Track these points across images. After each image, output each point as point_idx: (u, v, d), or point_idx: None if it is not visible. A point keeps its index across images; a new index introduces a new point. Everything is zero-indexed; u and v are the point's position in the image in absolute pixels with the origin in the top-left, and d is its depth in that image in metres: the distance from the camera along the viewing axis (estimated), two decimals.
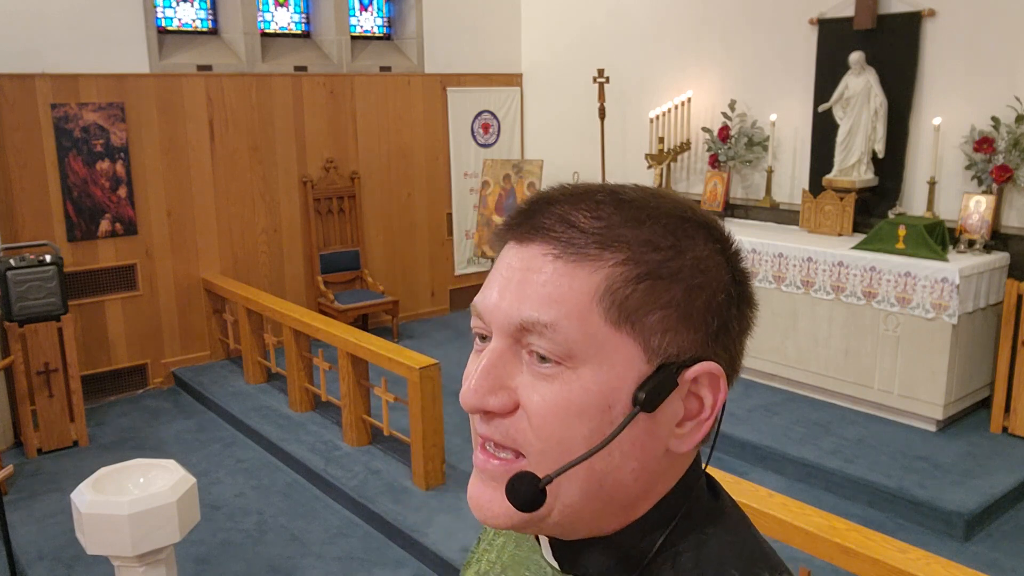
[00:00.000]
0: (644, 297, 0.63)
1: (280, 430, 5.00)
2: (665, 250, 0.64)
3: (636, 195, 0.67)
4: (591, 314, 0.63)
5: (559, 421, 0.64)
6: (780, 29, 5.67)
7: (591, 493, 0.65)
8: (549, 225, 0.65)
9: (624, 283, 0.63)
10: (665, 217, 0.66)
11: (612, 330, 0.63)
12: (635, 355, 0.64)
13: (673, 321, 0.64)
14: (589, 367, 0.63)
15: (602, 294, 0.63)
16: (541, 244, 0.65)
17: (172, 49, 5.91)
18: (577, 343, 0.63)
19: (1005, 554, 3.66)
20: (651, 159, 6.20)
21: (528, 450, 0.65)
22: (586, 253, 0.63)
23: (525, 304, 0.64)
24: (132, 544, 2.71)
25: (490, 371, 0.65)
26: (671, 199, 0.69)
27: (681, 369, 0.64)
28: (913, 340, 4.51)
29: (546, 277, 0.64)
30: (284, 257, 6.50)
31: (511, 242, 0.68)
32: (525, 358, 0.65)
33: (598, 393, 0.63)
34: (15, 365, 4.80)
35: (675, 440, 0.66)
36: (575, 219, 0.65)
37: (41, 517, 4.20)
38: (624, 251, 0.64)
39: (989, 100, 4.72)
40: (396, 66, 6.90)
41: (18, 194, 5.31)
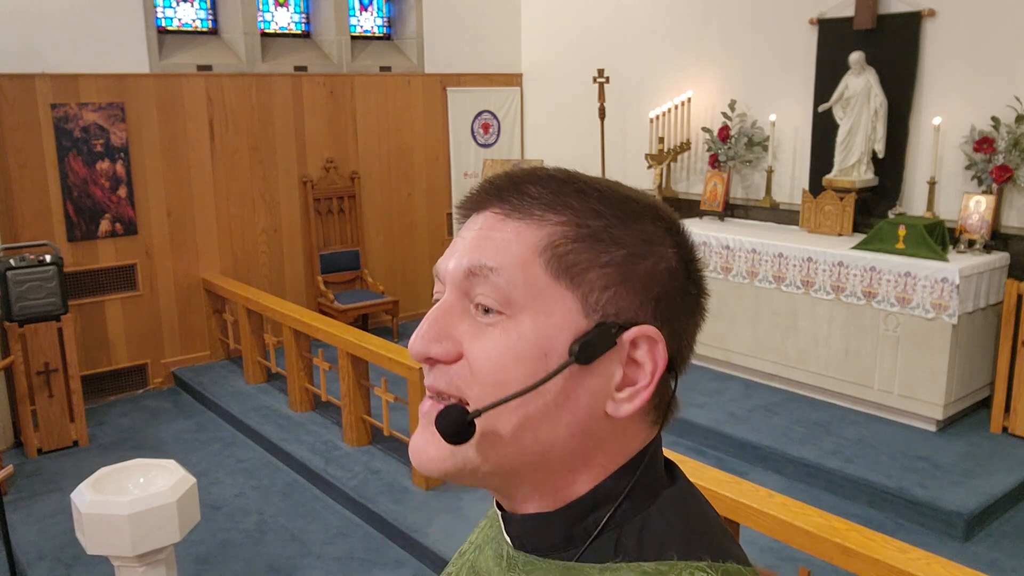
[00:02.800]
0: (584, 254, 0.67)
1: (280, 430, 5.00)
2: (609, 218, 0.68)
3: (589, 178, 0.72)
4: (533, 264, 0.67)
5: (497, 366, 0.67)
6: (780, 29, 5.67)
7: (524, 439, 0.67)
8: (501, 194, 0.71)
9: (565, 240, 0.67)
10: (612, 194, 0.70)
11: (552, 281, 0.67)
12: (573, 308, 0.67)
13: (612, 280, 0.67)
14: (528, 315, 0.67)
15: (544, 247, 0.67)
16: (493, 207, 0.71)
17: (172, 49, 5.91)
18: (517, 289, 0.67)
19: (1005, 554, 3.66)
20: (651, 159, 6.20)
21: (469, 395, 0.68)
22: (531, 212, 0.69)
23: (473, 252, 0.69)
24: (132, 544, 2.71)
25: (437, 320, 0.70)
26: (624, 185, 0.73)
27: (619, 329, 0.67)
28: (913, 340, 4.51)
29: (495, 232, 0.69)
30: (284, 257, 6.50)
31: (472, 214, 0.73)
32: (471, 311, 0.69)
33: (535, 341, 0.66)
34: (15, 365, 4.80)
35: (612, 403, 0.68)
36: (525, 188, 0.70)
37: (41, 517, 4.20)
38: (567, 214, 0.68)
39: (989, 100, 4.72)
40: (396, 66, 6.90)
41: (18, 194, 5.31)
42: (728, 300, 5.35)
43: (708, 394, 5.16)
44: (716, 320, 5.42)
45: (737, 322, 5.33)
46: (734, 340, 5.36)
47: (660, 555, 0.66)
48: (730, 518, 2.51)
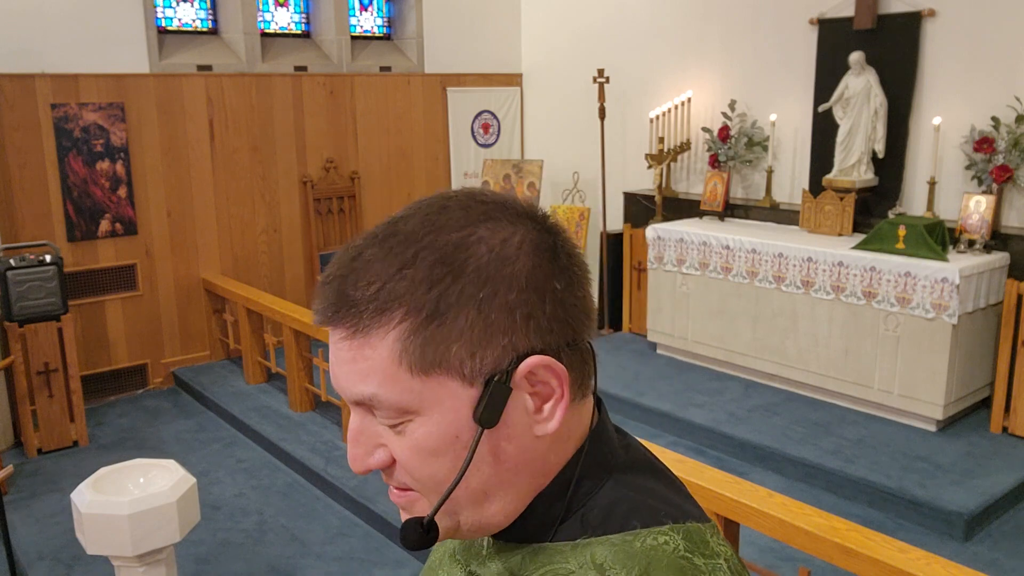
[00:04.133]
0: (435, 340, 0.66)
1: (280, 430, 5.00)
2: (440, 281, 0.66)
3: (408, 228, 0.69)
4: (398, 375, 0.67)
5: (421, 464, 0.70)
6: (780, 29, 5.67)
7: (482, 502, 0.71)
8: (335, 308, 0.69)
9: (412, 335, 0.66)
10: (436, 240, 0.67)
11: (423, 378, 0.67)
12: (456, 387, 0.67)
13: (475, 342, 0.66)
14: (424, 414, 0.68)
15: (399, 355, 0.67)
16: (337, 328, 0.70)
17: (172, 49, 5.91)
18: (402, 402, 0.68)
19: (1005, 554, 3.66)
20: (651, 159, 6.20)
21: (417, 488, 0.72)
22: (368, 325, 0.67)
23: (350, 382, 0.70)
24: (132, 544, 2.71)
25: (358, 438, 0.72)
26: (451, 208, 0.70)
27: (508, 376, 0.67)
28: (913, 340, 4.51)
29: (351, 356, 0.69)
30: (284, 257, 6.50)
31: (326, 326, 0.72)
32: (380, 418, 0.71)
33: (440, 433, 0.68)
34: (15, 365, 4.80)
35: (539, 425, 0.70)
36: (351, 293, 0.68)
37: (41, 517, 4.20)
38: (401, 307, 0.66)
39: (989, 100, 4.72)
40: (396, 66, 6.90)
41: (18, 194, 5.31)
42: (728, 300, 5.35)
43: (708, 394, 5.16)
44: (716, 320, 5.42)
45: (737, 322, 5.33)
46: (734, 340, 5.36)
47: (624, 526, 0.70)
48: (730, 518, 2.51)
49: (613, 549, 0.68)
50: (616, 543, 0.68)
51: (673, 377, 5.45)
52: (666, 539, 0.68)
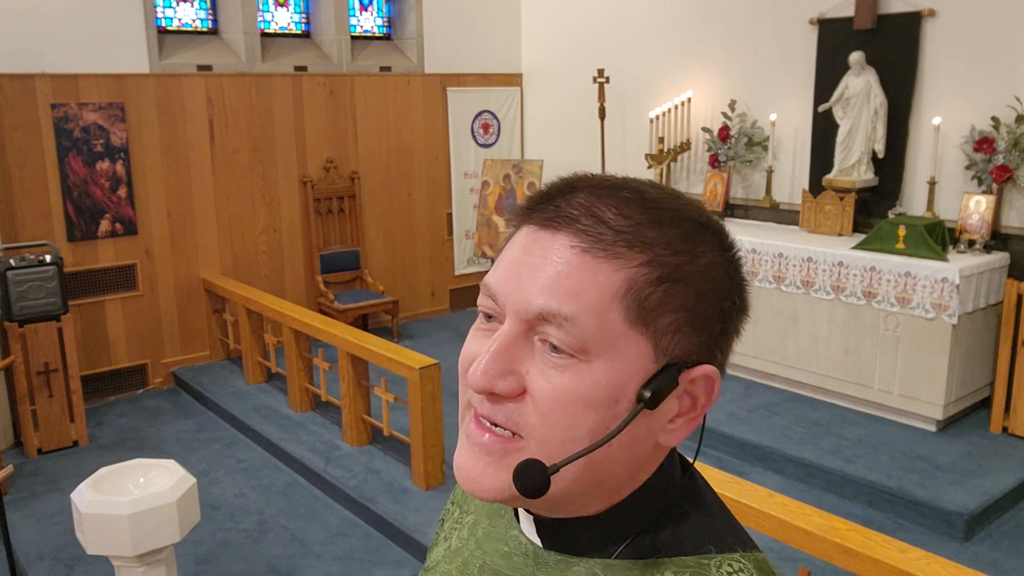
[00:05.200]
0: (661, 299, 0.65)
1: (280, 430, 5.00)
2: (683, 254, 0.66)
3: (657, 195, 0.68)
4: (611, 311, 0.64)
5: (567, 410, 0.65)
6: (780, 29, 5.67)
7: (584, 479, 0.67)
8: (576, 216, 0.65)
9: (646, 284, 0.65)
10: (683, 221, 0.67)
11: (628, 328, 0.65)
12: (645, 354, 0.65)
13: (683, 323, 0.66)
14: (601, 361, 0.65)
15: (624, 293, 0.64)
16: (568, 235, 0.65)
17: (172, 49, 5.91)
18: (593, 338, 0.64)
19: (1005, 554, 3.66)
20: (651, 159, 6.20)
21: (530, 434, 0.66)
22: (614, 251, 0.64)
23: (546, 293, 0.64)
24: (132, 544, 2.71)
25: (502, 354, 0.66)
26: (686, 201, 0.70)
27: (683, 370, 0.67)
28: (913, 340, 4.51)
29: (571, 269, 0.64)
30: (284, 257, 6.50)
31: (533, 226, 0.68)
32: (537, 345, 0.66)
33: (607, 387, 0.65)
34: (15, 365, 4.80)
35: (665, 435, 0.69)
36: (603, 214, 0.65)
37: (41, 517, 4.20)
38: (647, 252, 0.65)
39: (989, 100, 4.72)
40: (396, 66, 6.90)
41: (18, 194, 5.31)
42: None
43: None
44: None
45: None
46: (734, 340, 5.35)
47: (698, 549, 0.69)
48: None
49: (687, 572, 0.67)
50: (691, 565, 0.68)
51: None
52: (740, 566, 0.68)
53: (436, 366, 4.14)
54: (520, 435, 0.67)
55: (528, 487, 0.65)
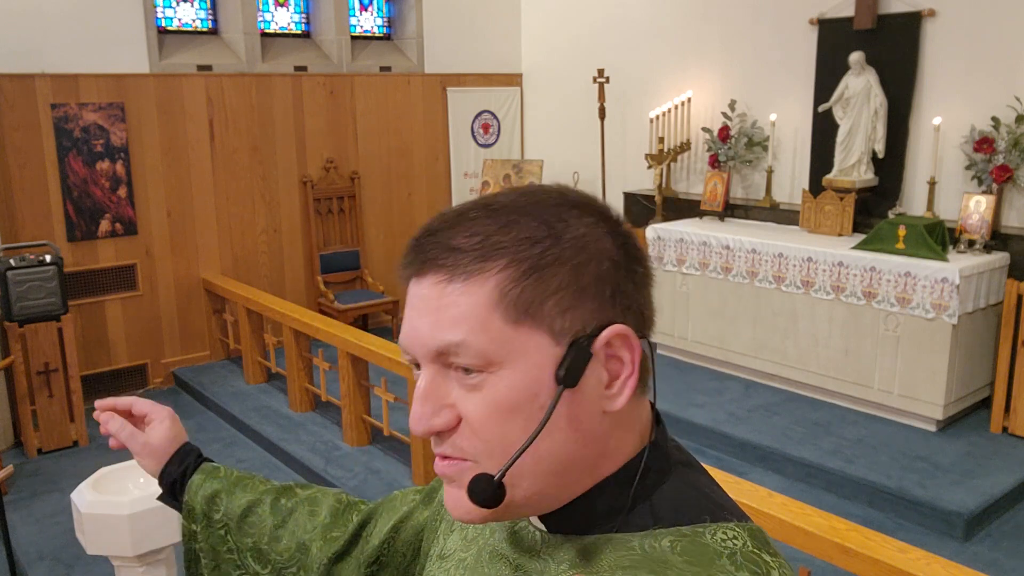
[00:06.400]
0: (534, 290, 0.69)
1: (280, 430, 5.00)
2: (542, 241, 0.70)
3: (507, 200, 0.73)
4: (492, 321, 0.69)
5: (496, 421, 0.70)
6: (780, 29, 5.67)
7: (545, 472, 0.71)
8: (434, 255, 0.71)
9: (513, 284, 0.69)
10: (536, 210, 0.71)
11: (515, 329, 0.69)
12: (543, 342, 0.69)
13: (568, 301, 0.69)
14: (508, 367, 0.69)
15: (496, 301, 0.69)
16: (432, 274, 0.71)
17: (172, 49, 5.91)
18: (489, 350, 0.69)
19: (1005, 554, 3.66)
20: (651, 159, 6.20)
21: (475, 454, 0.71)
22: (471, 270, 0.69)
23: (434, 332, 0.70)
24: (132, 544, 2.71)
25: (428, 397, 0.72)
26: (543, 191, 0.74)
27: (590, 340, 0.70)
28: (913, 340, 4.51)
29: (445, 302, 0.70)
30: (284, 257, 6.50)
31: (411, 280, 0.73)
32: (454, 375, 0.71)
33: (522, 388, 0.69)
34: (15, 365, 4.80)
35: (607, 401, 0.72)
36: (454, 242, 0.70)
37: (41, 517, 4.20)
38: (505, 256, 0.69)
39: (989, 100, 4.72)
40: (396, 66, 6.90)
41: (18, 194, 5.31)
42: (728, 300, 5.35)
43: (708, 394, 5.16)
44: (716, 320, 5.42)
45: (737, 322, 5.33)
46: (734, 340, 5.36)
47: (694, 519, 0.72)
48: None
49: (684, 540, 0.70)
50: (687, 534, 0.71)
51: (673, 377, 5.45)
52: (735, 534, 0.71)
53: None
54: (468, 458, 0.72)
55: (484, 498, 0.69)
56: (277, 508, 1.16)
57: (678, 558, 0.69)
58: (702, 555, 0.69)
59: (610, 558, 0.72)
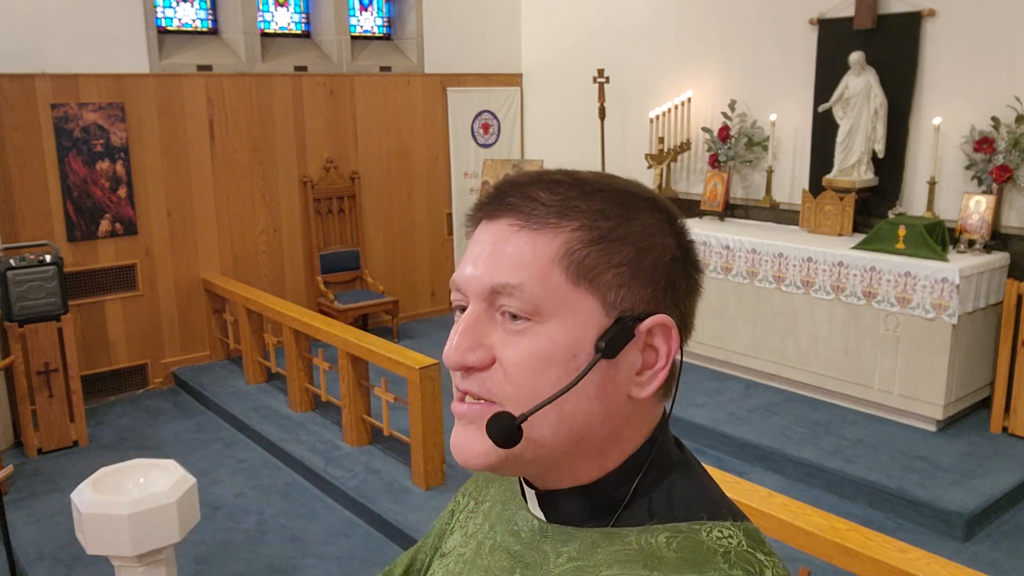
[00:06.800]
0: (599, 257, 0.72)
1: (280, 430, 5.00)
2: (615, 218, 0.73)
3: (590, 176, 0.77)
4: (553, 274, 0.71)
5: (531, 370, 0.71)
6: (780, 29, 5.67)
7: (562, 433, 0.72)
8: (514, 202, 0.74)
9: (581, 246, 0.72)
10: (614, 192, 0.75)
11: (572, 287, 0.71)
12: (594, 309, 0.72)
13: (626, 278, 0.72)
14: (555, 321, 0.71)
15: (561, 256, 0.71)
16: (507, 217, 0.74)
17: (172, 49, 5.91)
18: (542, 300, 0.71)
19: (1005, 554, 3.66)
20: (651, 159, 6.20)
21: (503, 398, 0.73)
22: (546, 221, 0.72)
23: (495, 270, 0.73)
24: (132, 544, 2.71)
25: (469, 331, 0.74)
26: (621, 179, 0.78)
27: (636, 321, 0.72)
28: (913, 340, 4.51)
29: (512, 245, 0.73)
30: (284, 257, 6.50)
31: (483, 221, 0.77)
32: (499, 319, 0.73)
33: (564, 343, 0.71)
34: (15, 365, 4.80)
35: (635, 387, 0.74)
36: (536, 195, 0.74)
37: (41, 517, 4.20)
38: (579, 219, 0.72)
39: (989, 100, 4.72)
40: (396, 66, 6.90)
41: (18, 194, 5.31)
42: (728, 300, 5.35)
43: (708, 394, 5.16)
44: (716, 320, 5.42)
45: (737, 322, 5.33)
46: (734, 340, 5.36)
47: (690, 516, 0.74)
48: None
49: (680, 536, 0.72)
50: (683, 530, 0.72)
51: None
52: (730, 533, 0.72)
53: (436, 366, 4.14)
54: (494, 401, 0.73)
55: (500, 435, 0.70)
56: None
57: (673, 554, 0.70)
58: (697, 552, 0.70)
59: (607, 552, 0.73)
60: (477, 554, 0.86)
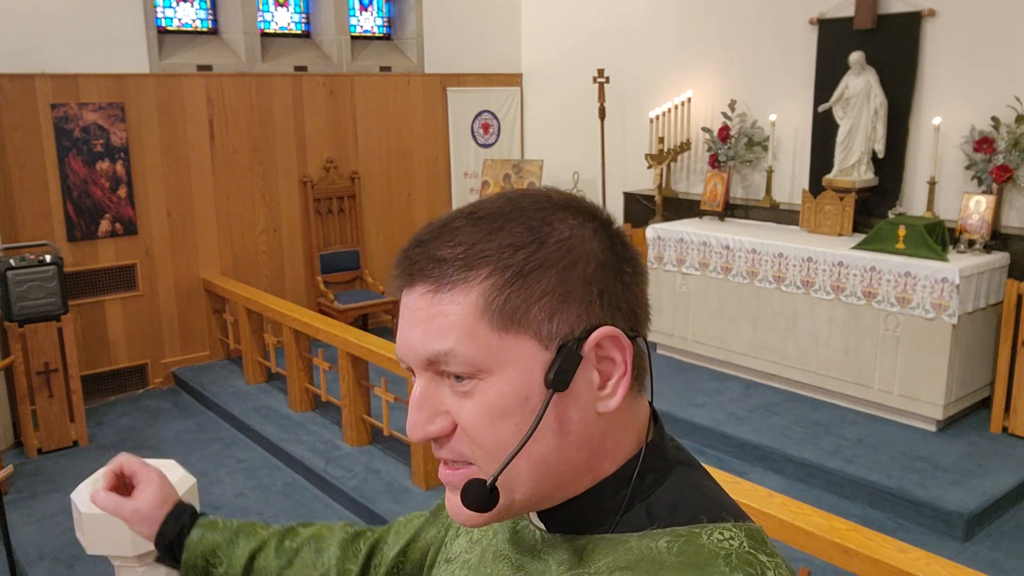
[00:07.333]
0: (519, 297, 0.70)
1: (280, 430, 5.00)
2: (527, 247, 0.70)
3: (492, 207, 0.74)
4: (479, 329, 0.70)
5: (488, 426, 0.71)
6: (780, 29, 5.67)
7: (540, 475, 0.72)
8: (421, 266, 0.72)
9: (496, 292, 0.69)
10: (522, 217, 0.72)
11: (502, 335, 0.70)
12: (532, 347, 0.70)
13: (554, 305, 0.70)
14: (497, 373, 0.70)
15: (482, 309, 0.70)
16: (419, 285, 0.72)
17: (172, 49, 5.91)
18: (476, 357, 0.70)
19: (1005, 554, 3.66)
20: (651, 159, 6.20)
21: (475, 458, 0.73)
22: (455, 279, 0.70)
23: (424, 341, 0.71)
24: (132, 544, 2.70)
25: (422, 404, 0.73)
26: (530, 195, 0.75)
27: (579, 343, 0.70)
28: (913, 340, 4.51)
29: (433, 312, 0.71)
30: (284, 257, 6.50)
31: (402, 291, 0.75)
32: (446, 382, 0.73)
33: (512, 392, 0.70)
34: (15, 365, 4.80)
35: (601, 403, 0.73)
36: (439, 252, 0.71)
37: (41, 517, 4.20)
38: (488, 264, 0.70)
39: (989, 100, 4.72)
40: (396, 66, 6.90)
41: (18, 194, 5.30)
42: (728, 300, 5.35)
43: (708, 394, 5.16)
44: (716, 320, 5.42)
45: (737, 322, 5.33)
46: (734, 340, 5.36)
47: (690, 519, 0.73)
48: None
49: (680, 540, 0.71)
50: (683, 534, 0.72)
51: (673, 377, 5.45)
52: (731, 535, 0.71)
53: None
54: (470, 462, 0.73)
55: (477, 503, 0.71)
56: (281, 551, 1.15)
57: (674, 559, 0.70)
58: (697, 556, 0.69)
59: (607, 558, 0.73)
60: (481, 561, 0.87)
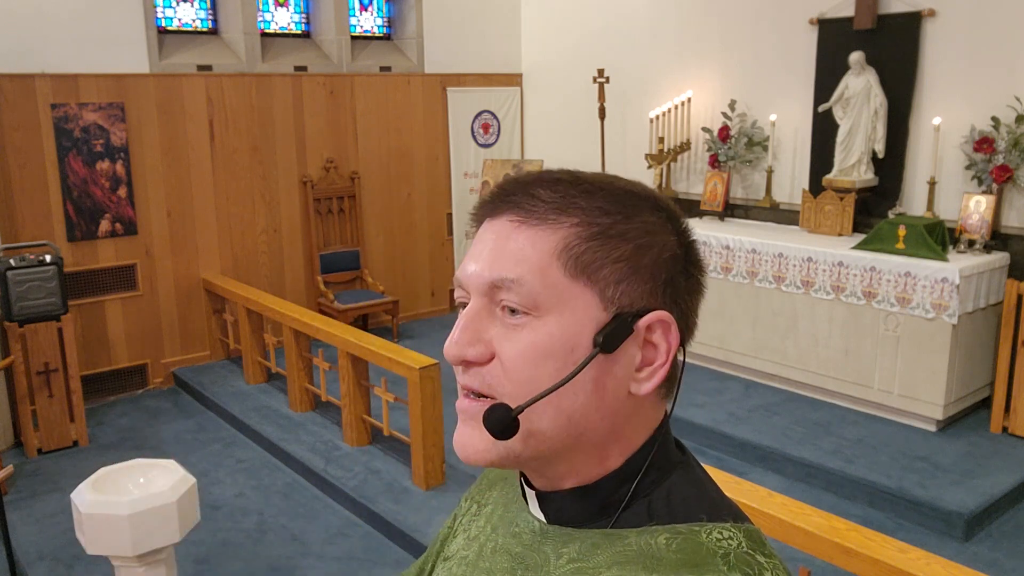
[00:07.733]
0: (597, 253, 0.73)
1: (280, 430, 5.00)
2: (614, 215, 0.74)
3: (592, 176, 0.78)
4: (551, 268, 0.72)
5: (529, 364, 0.72)
6: (780, 29, 5.67)
7: (561, 426, 0.73)
8: (515, 200, 0.75)
9: (579, 241, 0.73)
10: (615, 191, 0.76)
11: (570, 282, 0.72)
12: (592, 304, 0.73)
13: (625, 273, 0.73)
14: (553, 315, 0.72)
15: (560, 251, 0.72)
16: (508, 214, 0.75)
17: (172, 49, 5.91)
18: (540, 294, 0.72)
19: (1005, 554, 3.66)
20: (651, 159, 6.20)
21: (501, 392, 0.74)
22: (546, 217, 0.73)
23: (495, 265, 0.74)
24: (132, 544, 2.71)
25: (468, 326, 0.75)
26: (623, 180, 0.79)
27: (635, 317, 0.73)
28: (913, 340, 4.51)
29: (513, 241, 0.74)
30: (284, 257, 6.50)
31: (486, 219, 0.78)
32: (498, 314, 0.74)
33: (561, 337, 0.72)
34: (15, 365, 4.80)
35: (635, 384, 0.75)
36: (537, 192, 0.75)
37: (41, 517, 4.20)
38: (579, 215, 0.73)
39: (989, 100, 4.72)
40: (396, 66, 6.90)
41: (18, 194, 5.31)
42: (728, 300, 5.35)
43: (708, 394, 5.16)
44: (716, 320, 5.42)
45: (737, 322, 5.33)
46: (734, 340, 5.36)
47: (690, 517, 0.74)
48: None
49: (679, 538, 0.72)
50: (683, 532, 0.72)
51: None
52: (730, 535, 0.72)
53: (436, 366, 4.14)
54: (494, 396, 0.74)
55: (496, 426, 0.71)
56: None
57: (672, 556, 0.70)
58: (696, 553, 0.70)
59: (607, 553, 0.73)
60: (479, 556, 0.87)
